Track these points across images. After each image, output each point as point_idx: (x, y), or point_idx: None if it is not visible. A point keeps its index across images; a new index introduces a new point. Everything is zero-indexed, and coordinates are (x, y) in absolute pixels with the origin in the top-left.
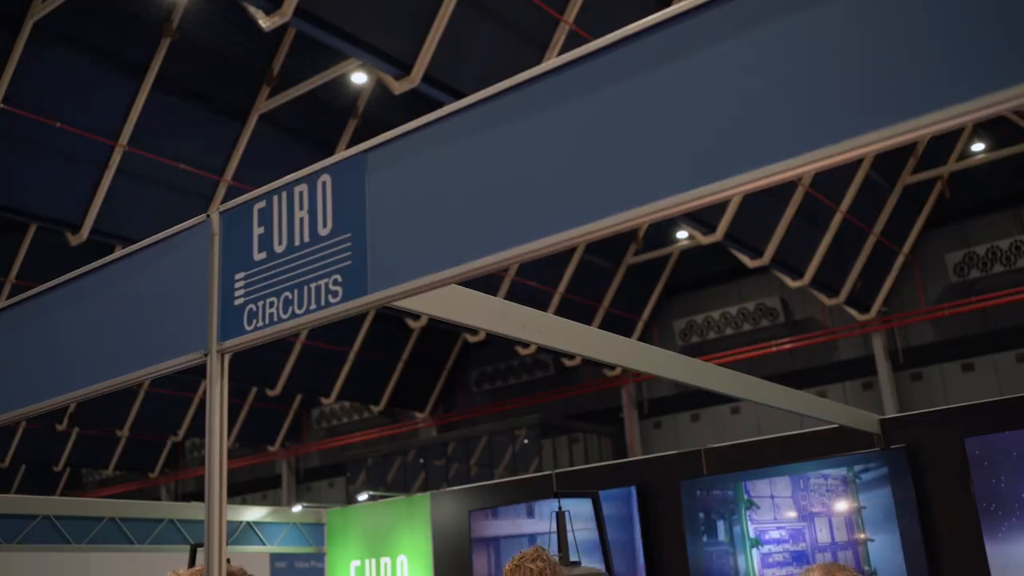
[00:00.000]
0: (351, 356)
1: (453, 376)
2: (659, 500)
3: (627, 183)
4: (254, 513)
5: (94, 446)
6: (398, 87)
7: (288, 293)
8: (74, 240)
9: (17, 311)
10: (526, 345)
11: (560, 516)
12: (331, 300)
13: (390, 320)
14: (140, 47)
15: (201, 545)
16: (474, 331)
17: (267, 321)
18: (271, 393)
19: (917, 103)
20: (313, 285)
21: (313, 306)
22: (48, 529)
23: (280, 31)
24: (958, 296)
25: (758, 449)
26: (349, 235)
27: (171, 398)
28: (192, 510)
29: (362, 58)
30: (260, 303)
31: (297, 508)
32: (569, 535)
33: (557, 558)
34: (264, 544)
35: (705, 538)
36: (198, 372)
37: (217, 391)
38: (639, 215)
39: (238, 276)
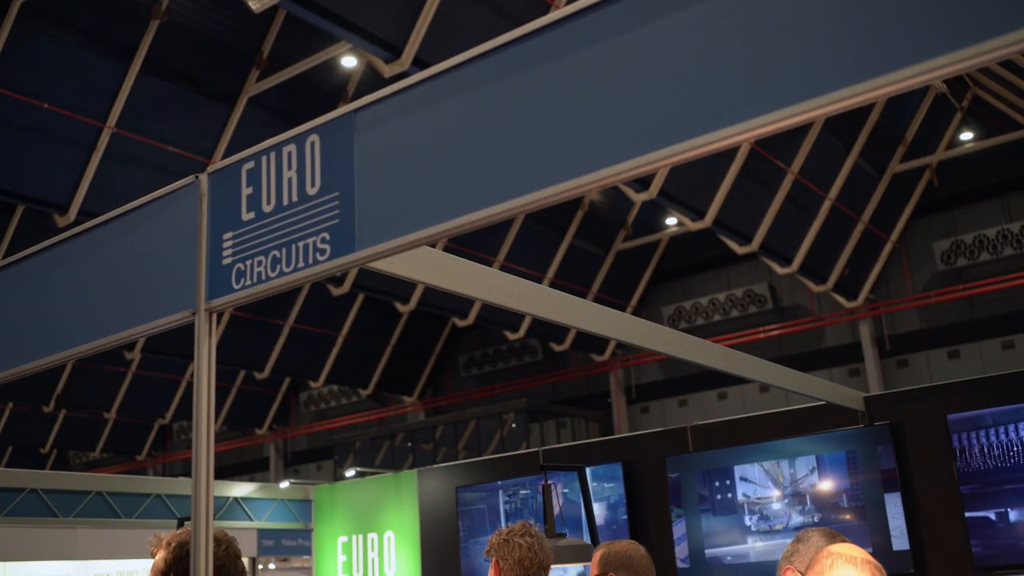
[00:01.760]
0: (339, 340)
1: (441, 360)
2: (645, 477)
3: (614, 140)
4: (241, 489)
5: (81, 428)
6: (388, 70)
7: (276, 252)
8: (62, 221)
9: (7, 274)
10: (515, 330)
11: (546, 489)
12: (319, 258)
13: (379, 304)
14: (129, 29)
15: (188, 518)
16: (463, 315)
17: (255, 280)
18: (259, 376)
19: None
20: (301, 243)
21: (301, 264)
22: (35, 502)
23: (270, 13)
24: (945, 284)
25: (744, 426)
26: (337, 194)
27: (159, 381)
28: (179, 485)
29: (352, 41)
30: (248, 262)
31: (284, 484)
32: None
33: (543, 531)
34: (251, 520)
35: (696, 512)
36: (186, 355)
37: (205, 350)
38: (625, 169)
39: (226, 236)
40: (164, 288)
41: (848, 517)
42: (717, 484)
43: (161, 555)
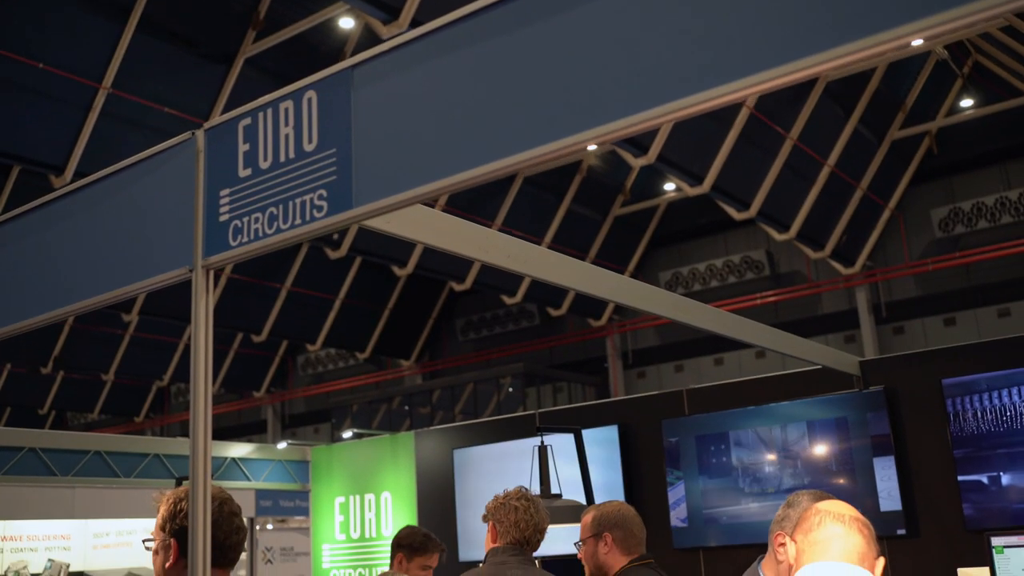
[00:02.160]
0: (337, 303)
1: (439, 324)
2: (641, 439)
3: (613, 96)
4: (239, 450)
5: (79, 390)
6: (386, 31)
7: (273, 208)
8: (58, 183)
9: (2, 231)
10: (512, 294)
11: (543, 450)
12: (316, 215)
13: (376, 268)
14: None
15: (186, 478)
16: (460, 280)
17: (252, 236)
18: (256, 339)
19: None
20: (298, 200)
21: (298, 221)
22: (34, 461)
23: None
24: (942, 251)
25: (739, 389)
26: (334, 150)
27: (156, 343)
28: (177, 445)
29: (350, 2)
30: (245, 219)
31: (282, 445)
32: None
33: (539, 492)
34: (249, 480)
35: (695, 475)
36: (183, 317)
37: (202, 307)
38: (625, 126)
39: (223, 192)
40: (161, 245)
41: (840, 481)
42: (713, 448)
43: (161, 511)
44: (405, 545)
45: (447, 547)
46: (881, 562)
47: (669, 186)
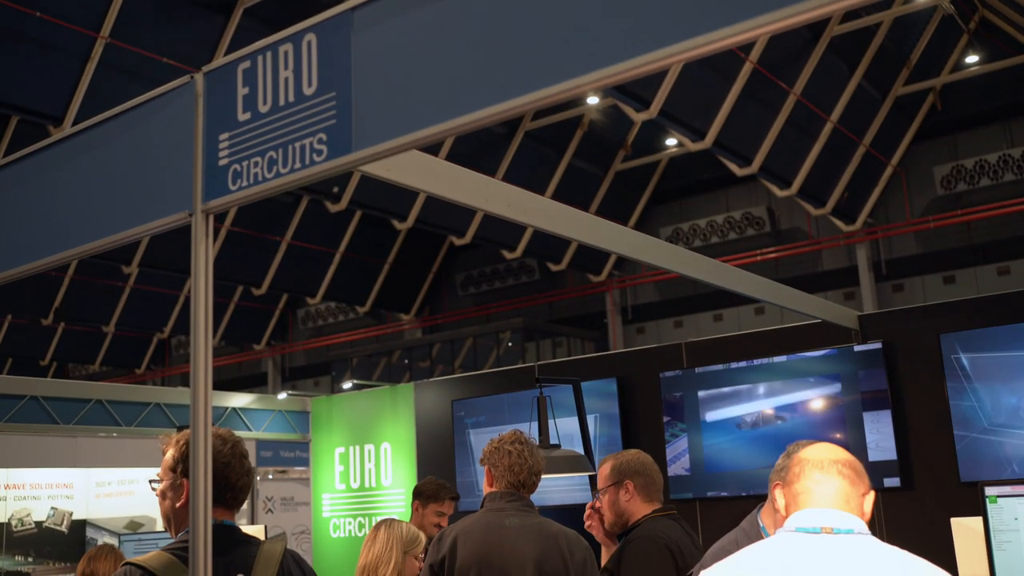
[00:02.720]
0: (337, 257)
1: (439, 279)
2: (639, 392)
3: (616, 39)
4: (240, 400)
5: (80, 342)
6: None
7: (272, 152)
8: (56, 133)
9: (2, 175)
10: (512, 249)
11: (541, 401)
12: (315, 159)
13: (376, 222)
14: None
15: (187, 426)
16: (460, 234)
17: (251, 180)
18: (257, 292)
19: None
20: (298, 144)
21: (298, 165)
22: (35, 409)
23: None
24: (944, 209)
25: (737, 343)
26: (334, 94)
27: (156, 295)
28: (178, 395)
29: None
30: (244, 163)
31: (282, 396)
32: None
33: (537, 442)
34: (250, 430)
35: (697, 428)
36: (183, 269)
37: (202, 252)
38: (627, 68)
39: (222, 136)
40: (161, 190)
41: (838, 436)
42: (714, 402)
43: (170, 452)
44: (420, 493)
45: None
46: (871, 497)
47: (671, 141)
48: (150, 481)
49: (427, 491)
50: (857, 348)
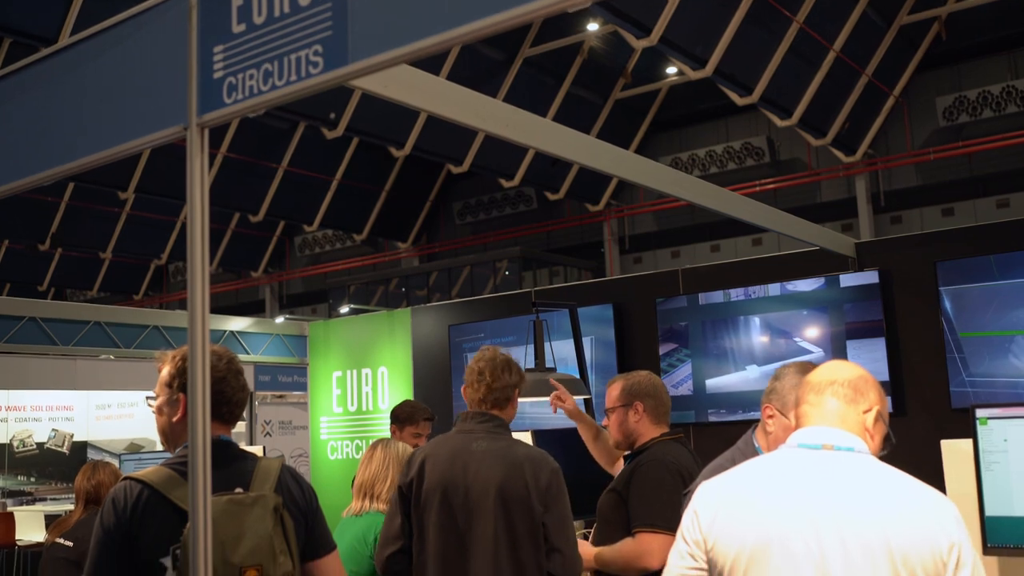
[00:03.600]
0: (333, 184)
1: (436, 207)
2: (635, 318)
3: None
4: (238, 323)
5: (78, 267)
6: None
7: (268, 65)
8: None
9: None
10: (510, 177)
11: (538, 325)
12: (311, 71)
13: (374, 149)
14: None
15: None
16: (458, 162)
17: (247, 94)
18: (253, 219)
19: None
20: (293, 56)
21: (293, 77)
22: (34, 330)
23: None
24: (945, 141)
25: (734, 270)
26: (329, 4)
27: (153, 222)
28: (176, 318)
29: None
30: (240, 76)
31: (280, 319)
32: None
33: (534, 366)
34: (248, 353)
35: (700, 353)
36: (180, 196)
37: (197, 167)
38: None
39: (217, 49)
40: (155, 104)
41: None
42: (713, 328)
43: (166, 369)
44: (396, 417)
45: (442, 422)
46: (873, 413)
47: (671, 70)
48: (147, 398)
49: (402, 414)
50: (852, 279)
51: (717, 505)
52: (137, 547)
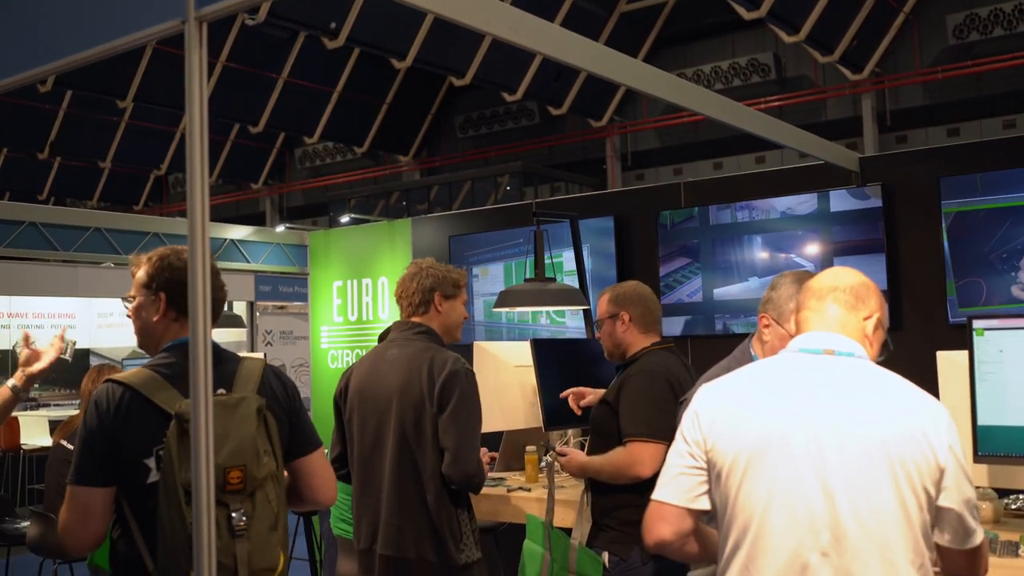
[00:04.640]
0: (334, 96)
1: (437, 121)
2: (637, 230)
3: None
4: (238, 232)
5: (77, 177)
6: None
7: None
8: None
9: None
10: (513, 91)
11: (538, 236)
12: None
13: (375, 60)
14: None
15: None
16: (460, 75)
17: None
18: (253, 131)
19: None
20: None
21: None
22: (34, 235)
23: None
24: (954, 60)
25: (737, 183)
26: None
27: (153, 132)
28: (176, 224)
29: None
30: None
31: (280, 228)
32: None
33: (534, 277)
34: (248, 262)
35: (709, 267)
36: (179, 105)
37: (196, 62)
38: None
39: None
40: None
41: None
42: (721, 246)
43: (143, 270)
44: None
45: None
46: (873, 321)
47: None
48: (123, 299)
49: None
50: (855, 194)
51: (718, 406)
52: (120, 448)
